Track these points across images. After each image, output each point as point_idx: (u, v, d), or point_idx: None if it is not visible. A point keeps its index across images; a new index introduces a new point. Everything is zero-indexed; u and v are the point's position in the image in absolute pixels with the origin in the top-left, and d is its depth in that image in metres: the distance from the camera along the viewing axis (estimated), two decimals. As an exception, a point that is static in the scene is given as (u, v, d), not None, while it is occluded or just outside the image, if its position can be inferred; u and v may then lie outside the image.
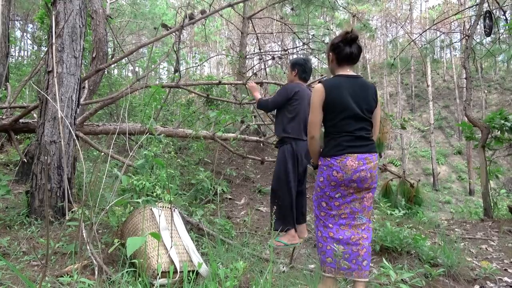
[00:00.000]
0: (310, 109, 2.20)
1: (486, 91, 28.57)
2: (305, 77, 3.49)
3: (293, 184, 3.27)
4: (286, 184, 3.25)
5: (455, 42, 18.00)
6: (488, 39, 7.53)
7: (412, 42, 7.65)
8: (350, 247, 2.12)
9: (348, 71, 2.24)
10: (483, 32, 5.73)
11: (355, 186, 2.13)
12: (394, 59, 10.66)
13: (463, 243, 3.67)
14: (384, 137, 5.43)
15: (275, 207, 3.21)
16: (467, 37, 5.86)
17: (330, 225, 2.16)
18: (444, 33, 11.75)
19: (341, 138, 2.15)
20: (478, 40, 7.89)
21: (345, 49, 2.20)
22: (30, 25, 18.75)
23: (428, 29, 9.09)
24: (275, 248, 3.18)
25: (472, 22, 5.98)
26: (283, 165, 3.30)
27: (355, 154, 2.12)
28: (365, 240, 2.16)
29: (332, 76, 2.29)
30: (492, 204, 5.02)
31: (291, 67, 3.54)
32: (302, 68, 3.46)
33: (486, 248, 3.65)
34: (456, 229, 4.38)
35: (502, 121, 4.79)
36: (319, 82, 2.22)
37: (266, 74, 8.80)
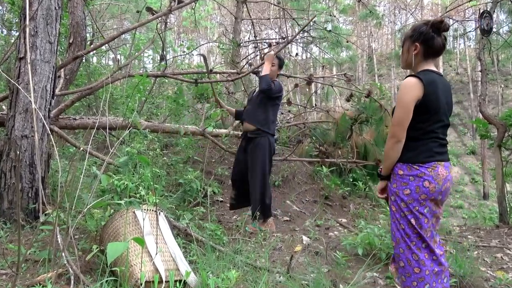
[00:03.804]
0: (400, 107, 2.01)
1: (502, 86, 28.86)
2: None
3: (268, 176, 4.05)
4: (268, 176, 4.00)
5: (470, 32, 18.16)
6: (506, 28, 7.60)
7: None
8: (441, 267, 2.10)
9: (433, 67, 2.13)
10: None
11: (440, 199, 2.10)
12: (403, 49, 10.69)
13: (476, 252, 3.70)
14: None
15: (260, 197, 3.85)
16: (483, 26, 5.89)
17: (423, 246, 2.08)
18: (457, 21, 11.84)
19: (431, 143, 2.08)
20: (494, 30, 7.95)
21: (438, 40, 2.06)
22: (-1, 7, 18.54)
23: (441, 17, 9.12)
24: (271, 256, 3.20)
25: (488, 9, 6.02)
26: (267, 158, 3.94)
27: (443, 162, 2.09)
28: (443, 256, 2.18)
29: (409, 71, 2.19)
30: (508, 209, 5.07)
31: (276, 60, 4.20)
32: (281, 62, 4.19)
33: (501, 257, 3.68)
34: (469, 236, 4.42)
35: (520, 119, 4.85)
36: (411, 76, 2.03)
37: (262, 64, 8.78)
